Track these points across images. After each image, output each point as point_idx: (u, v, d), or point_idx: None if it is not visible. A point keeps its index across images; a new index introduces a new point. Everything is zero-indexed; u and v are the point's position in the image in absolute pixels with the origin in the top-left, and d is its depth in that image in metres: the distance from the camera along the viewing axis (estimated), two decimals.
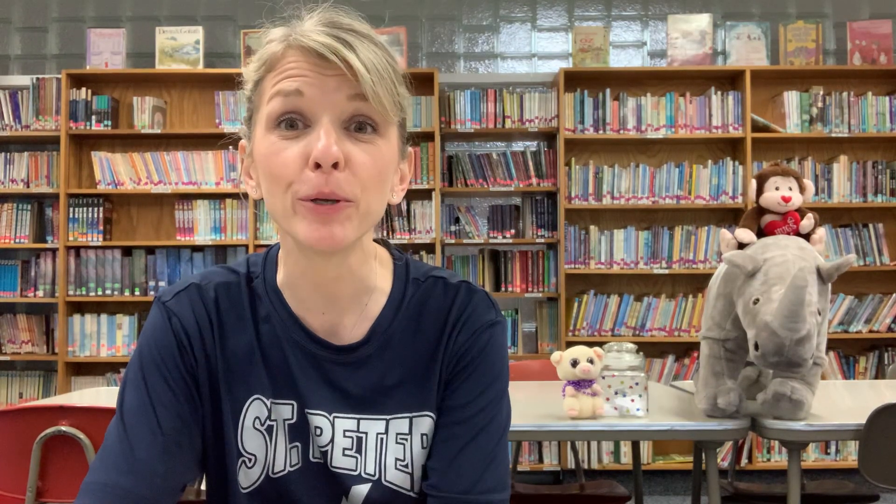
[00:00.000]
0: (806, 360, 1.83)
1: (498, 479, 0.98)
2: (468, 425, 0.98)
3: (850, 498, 2.70)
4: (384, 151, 0.91)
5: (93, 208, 4.54)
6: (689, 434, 2.08)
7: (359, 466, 0.98)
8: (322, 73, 0.88)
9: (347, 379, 0.99)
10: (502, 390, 1.01)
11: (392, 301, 1.01)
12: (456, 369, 0.99)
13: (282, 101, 0.89)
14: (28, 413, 1.90)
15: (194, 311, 0.99)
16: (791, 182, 2.15)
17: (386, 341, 1.00)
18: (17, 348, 4.62)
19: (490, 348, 1.00)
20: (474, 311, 1.01)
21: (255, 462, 0.99)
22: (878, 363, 4.58)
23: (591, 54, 4.63)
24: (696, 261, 4.55)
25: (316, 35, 0.88)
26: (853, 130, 4.54)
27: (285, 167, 0.88)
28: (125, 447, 0.94)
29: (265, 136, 0.91)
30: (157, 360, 0.97)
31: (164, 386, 0.96)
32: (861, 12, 4.82)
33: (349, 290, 0.99)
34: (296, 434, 0.99)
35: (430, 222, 4.53)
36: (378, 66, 0.87)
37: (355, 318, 1.00)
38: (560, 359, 2.00)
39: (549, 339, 4.61)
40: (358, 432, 0.98)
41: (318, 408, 0.98)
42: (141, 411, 0.95)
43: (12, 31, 4.85)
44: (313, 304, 0.99)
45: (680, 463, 4.46)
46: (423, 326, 1.01)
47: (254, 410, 0.99)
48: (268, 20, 0.96)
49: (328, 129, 0.87)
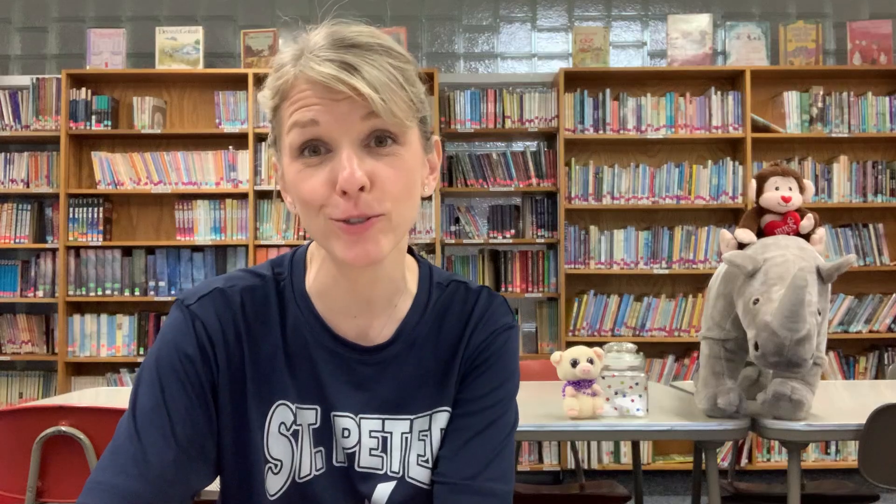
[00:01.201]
0: (806, 360, 1.83)
1: (503, 471, 1.01)
2: (479, 417, 1.02)
3: (850, 498, 2.70)
4: (407, 158, 0.93)
5: (93, 208, 4.54)
6: (689, 434, 2.08)
7: (384, 465, 1.01)
8: (333, 99, 0.90)
9: (374, 380, 1.01)
10: (514, 390, 1.06)
11: (418, 303, 1.04)
12: (473, 365, 1.03)
13: (300, 132, 0.91)
14: (28, 413, 1.90)
15: (219, 316, 0.98)
16: (791, 182, 2.15)
17: (412, 342, 1.03)
18: (17, 348, 4.62)
19: (506, 349, 1.04)
20: (494, 313, 1.05)
21: (280, 468, 0.99)
22: (878, 363, 4.58)
23: (591, 54, 4.63)
24: (696, 261, 4.55)
25: (321, 65, 0.89)
26: (853, 130, 4.54)
27: (314, 193, 0.91)
28: (137, 450, 0.93)
29: (291, 163, 0.93)
30: (177, 364, 0.96)
31: (182, 392, 0.95)
32: (861, 12, 4.82)
33: (384, 293, 1.02)
34: (320, 438, 1.00)
35: (430, 222, 4.53)
36: (386, 80, 0.89)
37: (385, 319, 1.02)
38: (560, 359, 2.00)
39: (549, 339, 4.62)
40: (383, 432, 1.01)
41: (345, 410, 1.00)
42: (155, 414, 0.95)
43: (12, 31, 4.85)
44: (345, 308, 1.01)
45: (680, 463, 4.46)
46: (445, 328, 1.04)
47: (279, 416, 0.99)
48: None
49: (349, 155, 0.89)
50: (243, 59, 4.65)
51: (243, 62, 4.65)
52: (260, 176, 4.57)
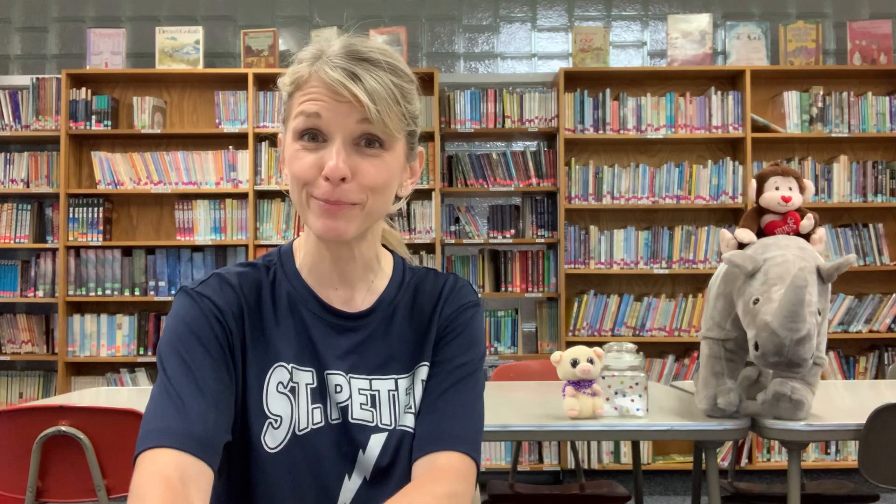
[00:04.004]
0: (806, 360, 1.83)
1: (473, 422, 1.14)
2: (452, 375, 1.16)
3: (850, 498, 2.70)
4: (389, 162, 1.09)
5: (93, 208, 4.54)
6: (689, 434, 2.08)
7: (375, 419, 1.13)
8: (337, 100, 1.06)
9: (361, 345, 1.16)
10: (481, 357, 1.21)
11: (394, 281, 1.21)
12: (445, 332, 1.18)
13: (305, 119, 1.07)
14: (28, 413, 1.90)
15: (222, 292, 1.12)
16: (791, 182, 2.15)
17: (390, 313, 1.18)
18: (17, 348, 4.62)
19: (472, 321, 1.21)
20: (460, 291, 1.22)
21: (280, 423, 1.10)
22: (878, 363, 4.58)
23: (591, 54, 4.63)
24: (696, 261, 4.55)
25: (332, 70, 1.05)
26: (853, 130, 4.54)
27: (303, 172, 1.07)
28: (177, 402, 1.02)
29: (292, 143, 1.09)
30: (194, 329, 1.07)
31: (203, 353, 1.06)
32: (861, 12, 4.82)
33: (360, 269, 1.18)
34: (317, 396, 1.12)
35: (430, 222, 4.53)
36: (383, 94, 1.05)
37: (364, 293, 1.18)
38: (560, 359, 2.00)
39: (549, 339, 4.62)
40: (371, 390, 1.14)
41: (336, 369, 1.14)
42: (183, 373, 1.04)
43: (12, 31, 4.85)
44: (329, 281, 1.17)
45: (680, 463, 4.46)
46: (419, 301, 1.20)
47: (276, 376, 1.11)
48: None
49: (339, 149, 1.06)
50: (243, 59, 4.65)
51: (243, 62, 4.65)
52: (260, 176, 4.57)
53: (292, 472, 1.10)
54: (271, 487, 1.09)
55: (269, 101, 4.60)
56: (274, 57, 4.62)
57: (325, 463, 1.11)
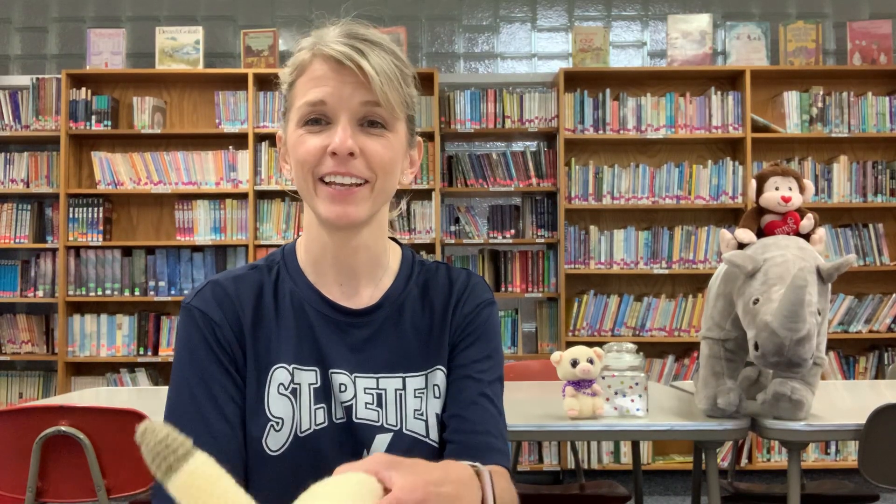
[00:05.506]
0: (806, 360, 1.83)
1: (500, 430, 1.13)
2: (476, 381, 1.14)
3: (850, 498, 2.70)
4: (393, 142, 1.09)
5: (93, 208, 4.54)
6: (689, 434, 2.08)
7: (381, 418, 1.11)
8: (341, 81, 1.05)
9: (367, 342, 1.13)
10: (502, 358, 1.21)
11: (401, 276, 1.18)
12: (464, 334, 1.16)
13: (309, 108, 1.07)
14: (28, 413, 1.90)
15: (217, 302, 1.11)
16: (791, 182, 2.15)
17: (398, 309, 1.15)
18: (17, 348, 4.62)
19: (490, 321, 1.19)
20: (475, 288, 1.19)
21: (282, 425, 1.09)
22: (878, 363, 4.58)
23: (591, 54, 4.63)
24: (696, 261, 4.55)
25: (335, 45, 1.05)
26: (853, 130, 4.54)
27: (309, 154, 1.06)
28: (194, 409, 1.06)
29: (296, 130, 1.09)
30: (200, 341, 1.09)
31: (212, 361, 1.08)
32: (861, 12, 4.82)
33: (365, 263, 1.15)
34: (320, 396, 1.11)
35: (430, 222, 4.53)
36: (387, 70, 1.05)
37: (370, 288, 1.16)
38: (560, 359, 2.00)
39: (549, 339, 4.62)
40: (377, 389, 1.12)
41: (341, 368, 1.11)
42: (197, 387, 1.07)
43: (12, 31, 4.85)
44: (333, 277, 1.15)
45: (680, 463, 4.46)
46: (429, 297, 1.17)
47: (277, 377, 1.10)
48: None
49: (345, 126, 1.05)
50: (243, 59, 4.65)
51: (243, 62, 4.65)
52: (260, 176, 4.57)
53: (296, 474, 1.08)
54: (275, 490, 1.07)
55: (269, 101, 4.60)
56: (274, 57, 4.62)
57: (330, 464, 1.07)
